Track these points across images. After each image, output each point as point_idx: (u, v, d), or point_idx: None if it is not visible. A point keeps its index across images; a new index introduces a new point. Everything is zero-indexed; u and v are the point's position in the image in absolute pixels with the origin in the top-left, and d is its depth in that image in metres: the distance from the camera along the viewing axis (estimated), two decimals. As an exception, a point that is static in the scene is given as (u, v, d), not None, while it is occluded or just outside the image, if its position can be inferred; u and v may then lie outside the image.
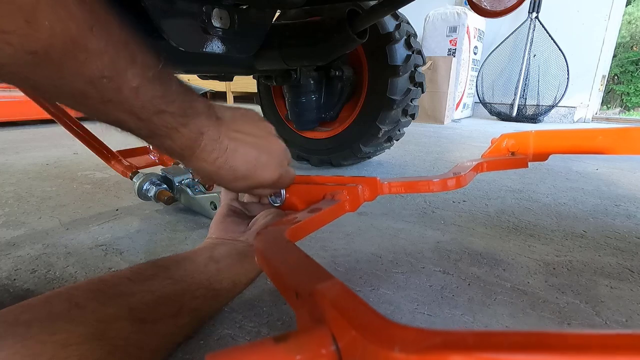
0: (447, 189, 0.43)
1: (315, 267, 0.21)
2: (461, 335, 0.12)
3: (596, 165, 1.21)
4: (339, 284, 0.18)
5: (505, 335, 0.12)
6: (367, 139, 1.02)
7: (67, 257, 0.53)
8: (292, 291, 0.20)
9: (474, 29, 2.72)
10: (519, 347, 0.11)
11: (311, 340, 0.15)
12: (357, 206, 0.41)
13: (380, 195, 0.44)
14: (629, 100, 5.16)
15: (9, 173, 0.99)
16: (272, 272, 0.23)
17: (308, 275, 0.20)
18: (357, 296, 0.17)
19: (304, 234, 0.32)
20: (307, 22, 0.82)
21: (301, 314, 0.19)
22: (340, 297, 0.17)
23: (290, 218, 0.33)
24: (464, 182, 0.44)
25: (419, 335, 0.13)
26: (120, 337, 0.27)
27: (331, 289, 0.18)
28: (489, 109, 3.10)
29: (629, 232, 0.64)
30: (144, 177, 0.68)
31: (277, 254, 0.24)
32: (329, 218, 0.37)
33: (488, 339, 0.12)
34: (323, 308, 0.17)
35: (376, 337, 0.13)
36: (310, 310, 0.18)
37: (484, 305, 0.42)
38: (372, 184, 0.42)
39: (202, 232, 0.62)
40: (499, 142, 0.59)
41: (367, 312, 0.16)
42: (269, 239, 0.27)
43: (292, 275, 0.21)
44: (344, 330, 0.15)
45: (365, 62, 1.00)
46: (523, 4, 0.63)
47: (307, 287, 0.18)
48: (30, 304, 0.26)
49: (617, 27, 2.92)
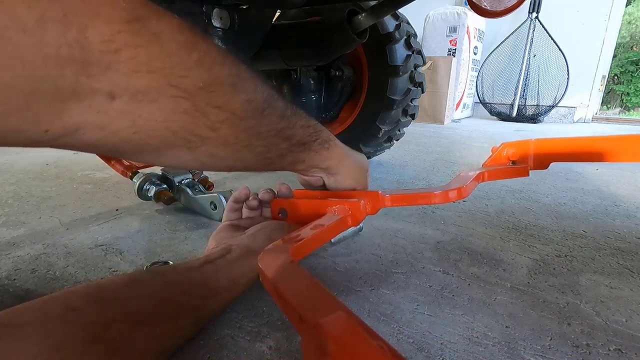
0: (449, 200, 0.44)
1: (320, 292, 0.21)
2: None
3: (596, 166, 1.21)
4: (343, 317, 0.18)
5: None
6: (367, 139, 1.02)
7: (67, 257, 0.53)
8: (296, 315, 0.20)
9: (474, 29, 2.72)
10: None
11: None
12: (360, 220, 0.42)
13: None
14: (629, 100, 5.15)
15: (9, 173, 0.99)
16: (277, 294, 0.23)
17: (312, 301, 0.20)
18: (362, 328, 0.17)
19: (307, 251, 0.33)
20: (307, 22, 0.83)
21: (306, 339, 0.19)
22: (344, 332, 0.17)
23: (293, 236, 0.33)
24: (465, 193, 0.44)
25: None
26: (118, 340, 0.26)
27: (335, 323, 0.18)
28: (489, 109, 3.10)
29: (629, 232, 0.64)
30: (144, 177, 0.68)
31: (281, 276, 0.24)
32: (331, 234, 0.38)
33: None
34: (327, 342, 0.17)
35: None
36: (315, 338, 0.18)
37: (484, 305, 0.42)
38: (374, 197, 0.42)
39: (202, 232, 0.62)
40: (500, 151, 0.58)
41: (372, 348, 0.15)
42: (273, 259, 0.27)
43: (296, 300, 0.21)
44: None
45: (365, 62, 1.00)
46: (523, 4, 0.63)
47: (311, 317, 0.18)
48: (25, 307, 0.26)
49: (617, 27, 2.92)
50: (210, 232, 0.62)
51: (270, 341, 0.36)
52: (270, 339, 0.36)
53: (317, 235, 0.34)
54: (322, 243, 0.36)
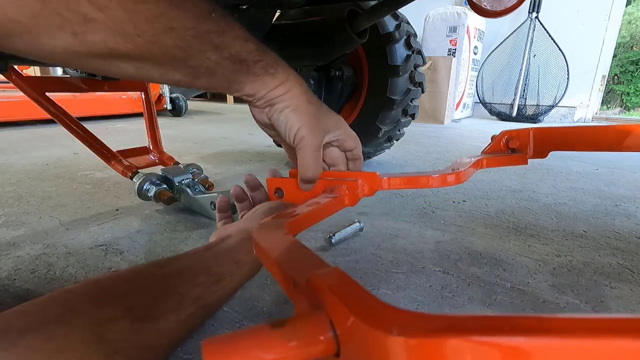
0: (447, 184, 0.43)
1: (314, 258, 0.21)
2: (461, 319, 0.12)
3: (596, 165, 1.21)
4: (337, 271, 0.18)
5: (505, 319, 0.12)
6: (367, 139, 1.02)
7: (67, 257, 0.53)
8: (289, 280, 0.20)
9: (474, 29, 2.72)
10: (519, 330, 0.11)
11: (308, 326, 0.15)
12: (356, 201, 0.41)
13: (380, 194, 0.44)
14: (629, 100, 5.15)
15: (9, 173, 0.99)
16: (270, 262, 0.23)
17: (306, 265, 0.20)
18: (356, 282, 0.17)
19: (303, 227, 0.32)
20: (307, 22, 0.83)
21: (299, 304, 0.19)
22: (338, 283, 0.17)
23: (289, 211, 0.33)
24: (463, 178, 0.44)
25: (418, 319, 0.13)
26: (120, 339, 0.26)
27: (329, 275, 0.17)
28: (489, 109, 3.10)
29: (629, 232, 0.64)
30: (144, 177, 0.68)
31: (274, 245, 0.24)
32: (327, 212, 0.36)
33: (487, 322, 0.12)
34: (321, 294, 0.16)
35: (375, 321, 0.13)
36: (308, 298, 0.18)
37: (484, 305, 0.42)
38: (372, 178, 0.41)
39: (202, 232, 0.62)
40: (499, 138, 0.58)
41: (366, 297, 0.15)
42: (267, 231, 0.27)
43: (289, 265, 0.21)
44: (342, 316, 0.14)
45: (365, 62, 1.00)
46: (523, 4, 0.63)
47: (304, 275, 0.18)
48: (23, 310, 0.25)
49: (617, 27, 2.92)
50: (210, 232, 0.62)
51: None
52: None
53: (312, 212, 0.33)
54: (318, 220, 0.35)
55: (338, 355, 0.15)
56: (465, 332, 0.11)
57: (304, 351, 0.15)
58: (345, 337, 0.14)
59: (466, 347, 0.11)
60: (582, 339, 0.11)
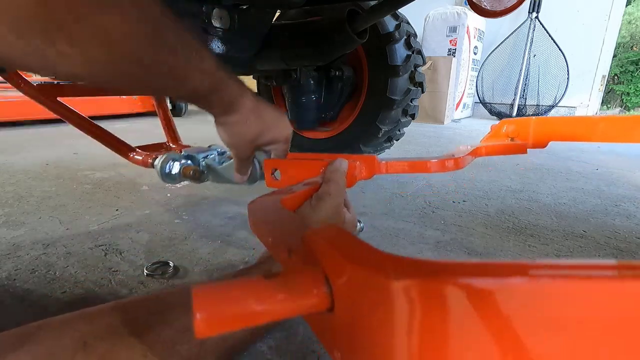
0: (446, 169, 0.43)
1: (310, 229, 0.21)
2: (458, 264, 0.13)
3: (596, 166, 1.21)
4: (334, 227, 0.18)
5: (504, 265, 0.12)
6: (367, 139, 1.02)
7: (67, 257, 0.53)
8: (284, 250, 0.19)
9: (474, 29, 2.72)
10: (517, 274, 0.12)
11: (303, 279, 0.15)
12: (354, 182, 0.40)
13: (380, 194, 0.44)
14: (629, 100, 5.15)
15: (9, 173, 0.99)
16: (264, 234, 0.23)
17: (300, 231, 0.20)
18: (353, 235, 0.17)
19: (298, 204, 0.32)
20: (307, 22, 0.83)
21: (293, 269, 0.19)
22: (336, 236, 0.17)
23: (285, 189, 0.33)
24: (462, 164, 0.44)
25: (416, 264, 0.13)
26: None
27: (326, 231, 0.17)
28: (489, 109, 3.10)
29: (629, 232, 0.64)
30: (165, 157, 0.61)
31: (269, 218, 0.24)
32: None
33: (485, 267, 0.12)
34: (317, 249, 0.16)
35: (375, 267, 0.13)
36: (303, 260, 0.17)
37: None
38: (370, 161, 0.41)
39: (202, 232, 0.62)
40: (499, 127, 0.58)
41: (363, 246, 0.15)
42: (262, 206, 0.27)
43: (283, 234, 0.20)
44: (339, 267, 0.14)
45: (365, 62, 1.00)
46: (523, 4, 0.63)
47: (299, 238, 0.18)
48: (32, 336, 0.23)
49: (617, 27, 2.92)
50: (210, 233, 0.62)
51: (271, 341, 0.36)
52: (270, 339, 0.36)
53: (308, 190, 0.33)
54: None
55: (331, 310, 0.15)
56: (462, 276, 0.12)
57: (296, 304, 0.14)
58: (340, 291, 0.14)
59: (464, 288, 0.11)
60: (579, 282, 0.11)
